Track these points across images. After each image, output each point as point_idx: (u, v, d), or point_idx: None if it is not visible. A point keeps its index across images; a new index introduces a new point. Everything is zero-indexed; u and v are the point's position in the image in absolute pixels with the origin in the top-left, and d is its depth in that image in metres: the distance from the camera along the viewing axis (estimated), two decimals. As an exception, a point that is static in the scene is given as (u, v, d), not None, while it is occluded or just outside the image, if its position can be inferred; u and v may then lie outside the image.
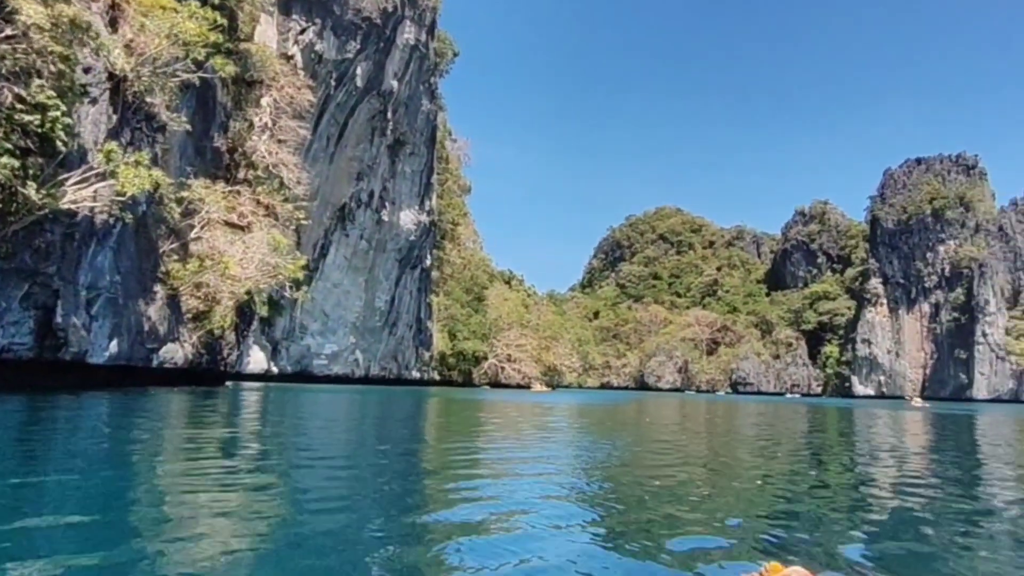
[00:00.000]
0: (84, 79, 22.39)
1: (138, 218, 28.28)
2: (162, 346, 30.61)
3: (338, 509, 6.06)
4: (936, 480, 10.15)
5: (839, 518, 6.82)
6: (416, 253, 73.88)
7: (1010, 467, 12.54)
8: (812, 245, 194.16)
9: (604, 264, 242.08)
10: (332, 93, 58.44)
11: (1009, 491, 9.28)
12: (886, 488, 9.23)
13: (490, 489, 7.45)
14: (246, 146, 41.64)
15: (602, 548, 5.04)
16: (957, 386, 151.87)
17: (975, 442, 19.42)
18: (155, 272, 30.46)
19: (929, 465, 12.47)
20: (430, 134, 73.14)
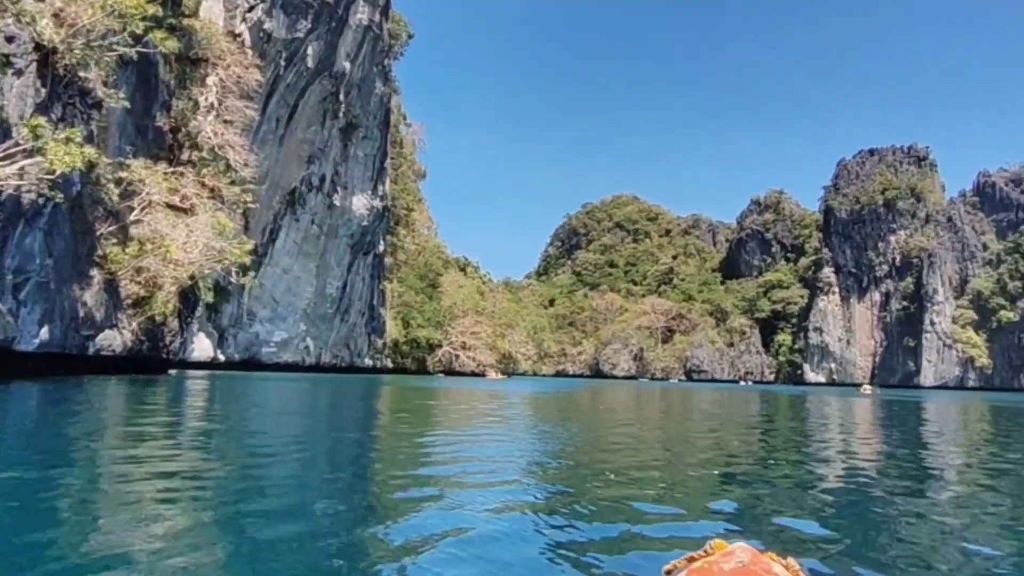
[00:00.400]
0: (6, 49, 21.39)
1: (72, 198, 27.25)
2: (99, 333, 29.64)
3: (286, 506, 5.75)
4: (882, 462, 10.50)
5: (787, 498, 6.95)
6: (369, 239, 72.99)
7: (952, 449, 13.02)
8: (767, 234, 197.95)
9: (560, 252, 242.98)
10: (282, 73, 57.16)
11: (950, 471, 9.75)
12: (834, 470, 9.52)
13: (443, 476, 7.42)
14: (190, 126, 40.44)
15: (555, 531, 5.05)
16: (905, 373, 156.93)
17: (921, 427, 20.15)
18: (91, 256, 29.42)
19: (876, 448, 12.85)
20: (384, 117, 72.13)
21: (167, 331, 37.08)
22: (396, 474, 7.70)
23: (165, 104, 40.35)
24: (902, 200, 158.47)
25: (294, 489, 6.44)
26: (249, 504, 5.69)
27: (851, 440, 14.27)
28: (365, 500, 6.07)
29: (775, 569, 2.19)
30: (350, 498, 6.12)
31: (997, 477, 9.14)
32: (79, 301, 28.10)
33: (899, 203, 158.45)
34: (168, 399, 20.49)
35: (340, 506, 5.70)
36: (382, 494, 6.46)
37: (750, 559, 2.23)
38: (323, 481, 7.04)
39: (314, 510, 5.46)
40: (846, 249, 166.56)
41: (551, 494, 6.57)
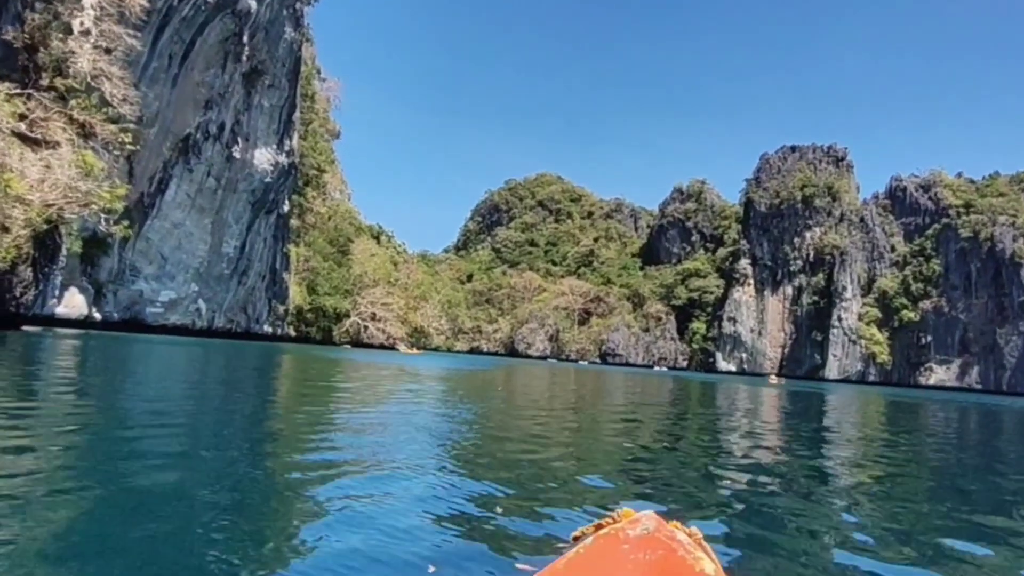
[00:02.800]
0: None
1: None
2: (-84, 277, 25.38)
3: (160, 488, 4.92)
4: (783, 445, 11.49)
5: (695, 474, 7.46)
6: (272, 197, 68.51)
7: (849, 437, 14.23)
8: (688, 223, 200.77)
9: (480, 227, 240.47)
10: (176, 5, 52.08)
11: (845, 454, 10.96)
12: (739, 450, 10.08)
13: (344, 452, 7.14)
14: (52, 47, 35.66)
15: (462, 503, 5.04)
16: (812, 366, 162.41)
17: (821, 415, 21.65)
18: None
19: (779, 433, 13.92)
20: (293, 66, 67.48)
21: (16, 281, 32.74)
22: (286, 456, 6.92)
23: (17, 17, 35.46)
24: (819, 198, 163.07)
25: (170, 468, 5.74)
26: (111, 487, 4.85)
27: (757, 427, 14.80)
28: (251, 485, 5.48)
29: (679, 536, 2.33)
30: (235, 481, 5.53)
31: (885, 464, 9.88)
32: None
33: (816, 200, 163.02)
34: (17, 359, 17.34)
35: (222, 490, 5.13)
36: (269, 479, 5.83)
37: (655, 526, 2.37)
38: (202, 460, 6.33)
39: (192, 494, 4.88)
40: (763, 242, 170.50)
41: (458, 468, 6.58)
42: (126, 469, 5.54)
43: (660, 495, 5.92)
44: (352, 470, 5.98)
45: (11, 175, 27.35)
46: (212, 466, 6.00)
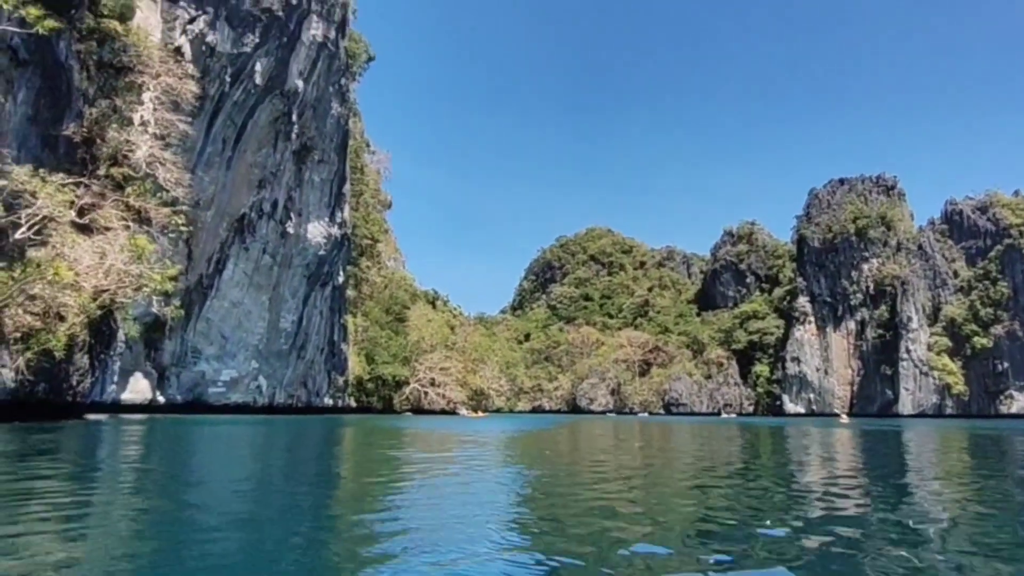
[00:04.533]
0: None
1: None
2: (-33, 372, 24.47)
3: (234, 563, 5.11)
4: (862, 491, 10.68)
5: (776, 534, 6.86)
6: (327, 269, 68.01)
7: (932, 478, 13.07)
8: (741, 265, 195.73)
9: (535, 286, 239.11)
10: (228, 91, 52.73)
11: (931, 498, 9.98)
12: (820, 503, 9.23)
13: (407, 523, 7.14)
14: (108, 137, 35.65)
15: None
16: (884, 402, 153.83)
17: (900, 455, 20.24)
18: (-40, 279, 24.38)
19: (856, 478, 12.92)
20: (341, 140, 67.75)
21: (73, 369, 31.84)
22: (349, 532, 6.87)
23: (79, 114, 35.65)
24: (873, 229, 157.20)
25: (236, 549, 5.79)
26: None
27: (833, 472, 14.03)
28: (316, 561, 5.45)
29: None
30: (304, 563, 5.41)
31: (976, 505, 9.12)
32: (-62, 333, 23.02)
33: (870, 232, 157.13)
34: (75, 449, 16.49)
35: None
36: (332, 554, 5.78)
37: None
38: (273, 542, 6.20)
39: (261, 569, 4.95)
40: (820, 278, 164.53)
41: (521, 538, 6.37)
42: (194, 550, 5.56)
43: (741, 559, 5.60)
44: (415, 543, 5.99)
45: (60, 263, 26.60)
46: (278, 541, 6.11)
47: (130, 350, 48.07)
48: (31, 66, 34.32)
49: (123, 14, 40.47)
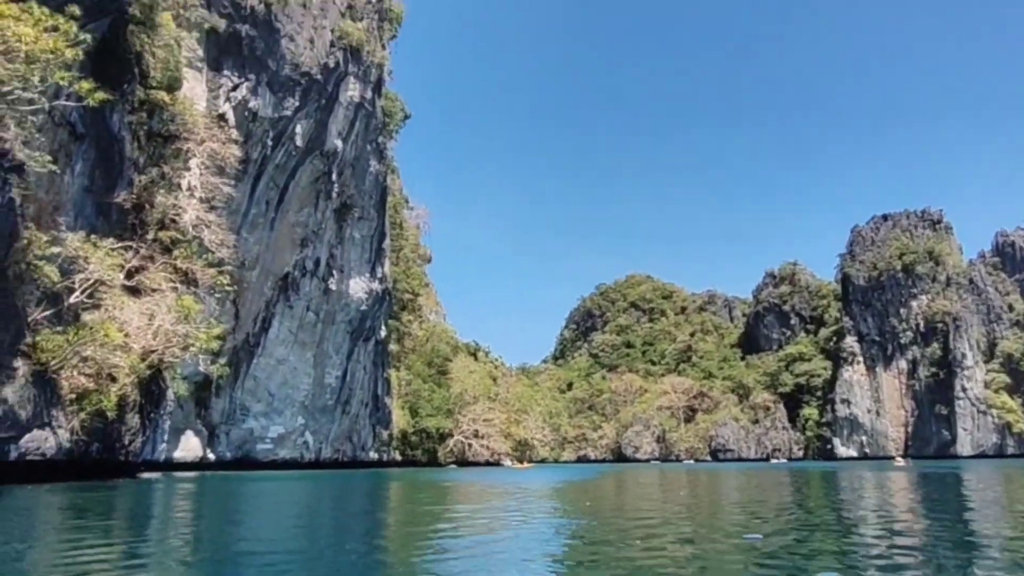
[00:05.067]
0: None
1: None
2: (23, 434, 24.85)
3: None
4: (924, 541, 10.22)
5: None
6: (369, 324, 68.57)
7: (1002, 526, 12.25)
8: (784, 307, 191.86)
9: (576, 335, 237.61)
10: (270, 154, 54.32)
11: (999, 551, 9.21)
12: (877, 555, 8.70)
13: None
14: (156, 202, 36.78)
15: None
16: (941, 443, 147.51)
17: (962, 500, 19.25)
18: (16, 344, 24.97)
19: (917, 526, 12.35)
20: (380, 197, 69.03)
21: (125, 429, 32.25)
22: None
23: (130, 182, 36.92)
24: (920, 264, 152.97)
25: None
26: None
27: (892, 521, 13.27)
28: None
29: None
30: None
31: None
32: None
33: (918, 267, 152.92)
34: (127, 507, 16.77)
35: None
36: None
37: None
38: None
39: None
40: (867, 317, 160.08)
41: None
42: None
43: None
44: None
45: (110, 325, 27.19)
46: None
47: (181, 408, 48.76)
48: (87, 139, 35.69)
49: (171, 85, 42.18)
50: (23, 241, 25.79)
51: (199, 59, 49.91)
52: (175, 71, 42.77)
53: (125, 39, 37.39)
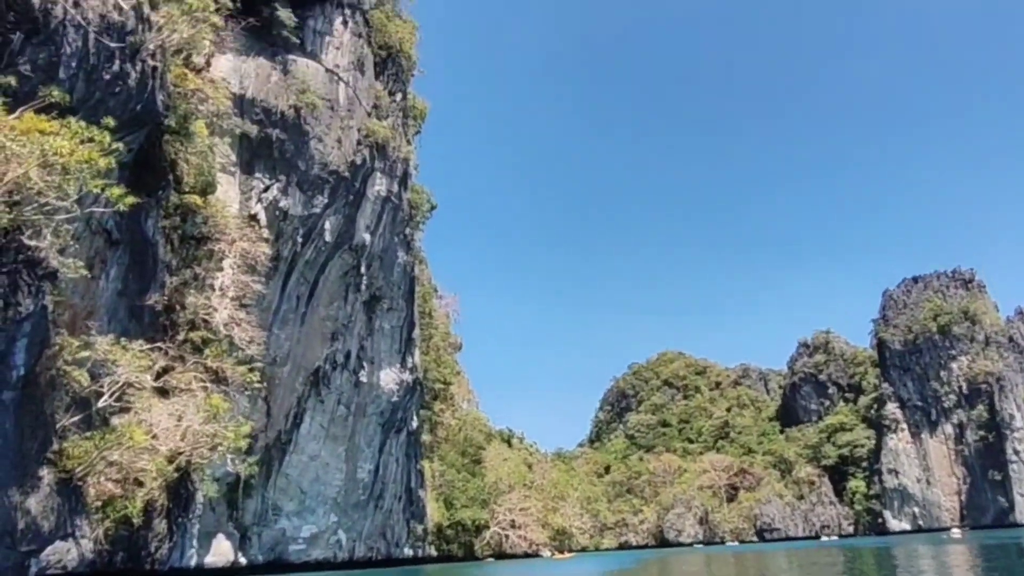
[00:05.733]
0: None
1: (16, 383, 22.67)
2: (45, 546, 23.78)
3: None
4: None
5: None
6: (401, 415, 67.25)
7: None
8: (820, 376, 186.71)
9: (611, 416, 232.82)
10: (300, 251, 54.69)
11: None
12: None
13: None
14: (187, 303, 36.73)
15: None
16: (998, 511, 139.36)
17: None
18: (43, 452, 24.25)
19: None
20: (408, 287, 69.01)
21: (152, 536, 31.02)
22: None
23: (162, 284, 37.03)
24: (957, 325, 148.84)
25: None
26: None
27: None
28: None
29: None
30: None
31: None
32: (18, 510, 22.60)
33: (954, 328, 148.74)
34: None
35: None
36: None
37: None
38: None
39: None
40: (907, 382, 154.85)
41: None
42: None
43: None
44: None
45: (136, 428, 26.48)
46: None
47: (212, 511, 47.37)
48: (122, 244, 36.01)
49: (204, 189, 42.95)
50: (55, 347, 25.47)
51: (232, 164, 51.09)
52: (208, 176, 43.63)
53: (160, 148, 38.28)
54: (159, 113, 36.76)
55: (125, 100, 31.89)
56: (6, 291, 21.63)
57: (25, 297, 22.85)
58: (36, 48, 26.80)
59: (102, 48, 29.40)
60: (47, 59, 27.07)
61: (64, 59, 27.65)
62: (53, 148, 21.64)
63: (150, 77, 33.39)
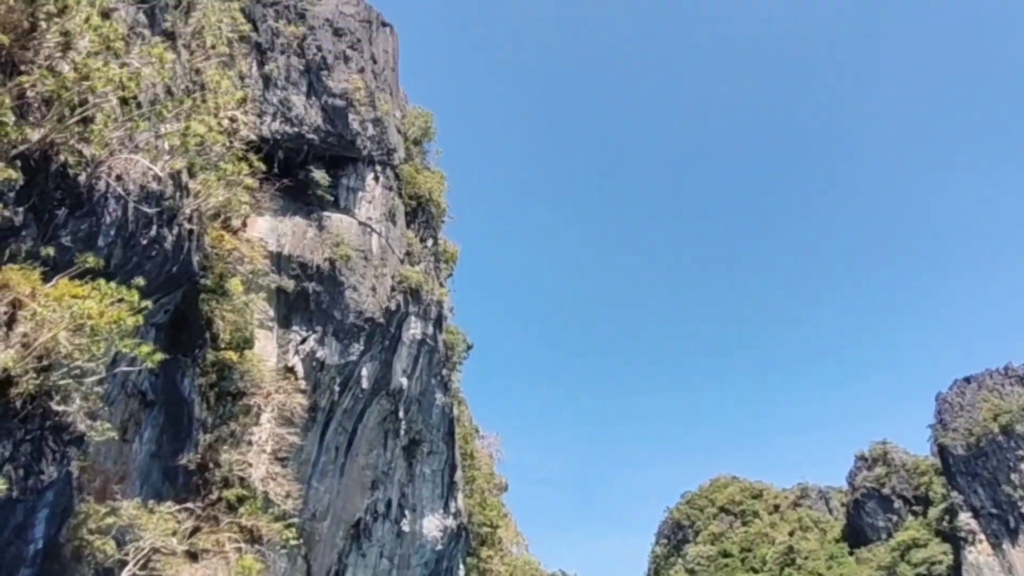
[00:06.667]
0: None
1: (33, 558, 20.94)
2: None
3: None
4: None
5: None
6: (446, 565, 62.87)
7: None
8: (884, 490, 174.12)
9: (668, 550, 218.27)
10: (337, 400, 53.36)
11: None
12: None
13: None
14: (221, 460, 35.16)
15: None
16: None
17: None
18: (63, 634, 22.10)
19: None
20: (448, 429, 66.66)
21: None
22: None
23: (196, 443, 35.70)
24: (1019, 423, 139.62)
25: None
26: None
27: None
28: None
29: None
30: None
31: None
32: None
33: (1017, 427, 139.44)
34: None
35: None
36: None
37: None
38: None
39: None
40: (976, 489, 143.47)
41: None
42: None
43: None
44: None
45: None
46: None
47: None
48: (157, 405, 35.11)
49: (240, 345, 42.50)
50: (79, 516, 23.90)
51: (270, 319, 51.05)
52: (245, 331, 43.35)
53: (197, 306, 38.23)
54: (195, 274, 36.96)
55: (161, 263, 31.99)
56: (28, 459, 20.43)
57: (49, 464, 21.58)
58: (78, 220, 27.14)
59: (140, 215, 29.79)
60: (88, 229, 27.39)
61: (104, 228, 27.88)
62: (83, 311, 21.08)
63: (186, 240, 33.69)
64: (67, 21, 25.48)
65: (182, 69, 38.38)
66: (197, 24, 39.66)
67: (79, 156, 25.00)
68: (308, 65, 55.08)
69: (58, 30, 24.87)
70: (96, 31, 25.47)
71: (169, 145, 30.63)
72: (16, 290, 21.71)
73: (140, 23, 34.84)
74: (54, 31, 24.94)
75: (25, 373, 20.13)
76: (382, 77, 61.93)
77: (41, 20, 24.71)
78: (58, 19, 25.13)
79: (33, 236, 24.52)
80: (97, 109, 25.79)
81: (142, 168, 28.70)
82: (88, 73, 24.73)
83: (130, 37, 30.74)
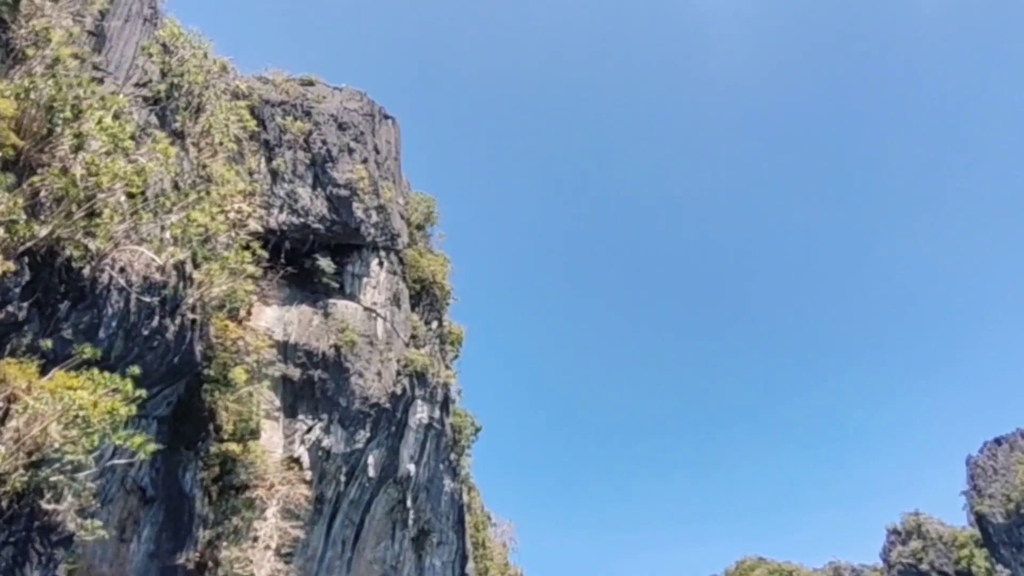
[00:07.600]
0: None
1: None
2: None
3: None
4: None
5: None
6: (462, 665, 59.61)
7: None
8: (922, 566, 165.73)
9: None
10: (344, 490, 51.95)
11: None
12: None
13: None
14: (220, 557, 33.89)
15: None
16: None
17: None
18: None
19: None
20: (458, 516, 64.56)
21: None
22: None
23: (196, 541, 34.52)
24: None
25: None
26: None
27: None
28: None
29: None
30: None
31: None
32: None
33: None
34: None
35: None
36: None
37: None
38: None
39: None
40: (1021, 558, 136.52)
41: None
42: None
43: None
44: None
45: None
46: None
47: None
48: (157, 501, 34.22)
49: (244, 437, 41.77)
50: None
51: (276, 408, 50.38)
52: (250, 422, 42.69)
53: (200, 397, 37.80)
54: (197, 364, 36.68)
55: (163, 353, 31.78)
56: (11, 563, 19.54)
57: (34, 569, 20.66)
58: (80, 313, 27.13)
59: (143, 306, 29.76)
60: (89, 321, 27.33)
61: (105, 320, 27.81)
62: (74, 401, 20.71)
63: (189, 329, 33.58)
64: (81, 124, 26.36)
65: (190, 165, 39.46)
66: (206, 123, 41.05)
67: (84, 250, 25.24)
68: (314, 158, 56.59)
69: (72, 132, 25.68)
70: (107, 131, 26.25)
71: (172, 236, 30.95)
72: (12, 384, 21.46)
73: (151, 124, 36.09)
74: (68, 134, 25.75)
75: (14, 470, 19.59)
76: (385, 166, 63.48)
77: (58, 125, 25.59)
78: (74, 123, 26.02)
79: (35, 330, 24.47)
80: (104, 204, 26.27)
81: (145, 260, 28.91)
82: (96, 170, 25.34)
83: (140, 137, 31.75)
